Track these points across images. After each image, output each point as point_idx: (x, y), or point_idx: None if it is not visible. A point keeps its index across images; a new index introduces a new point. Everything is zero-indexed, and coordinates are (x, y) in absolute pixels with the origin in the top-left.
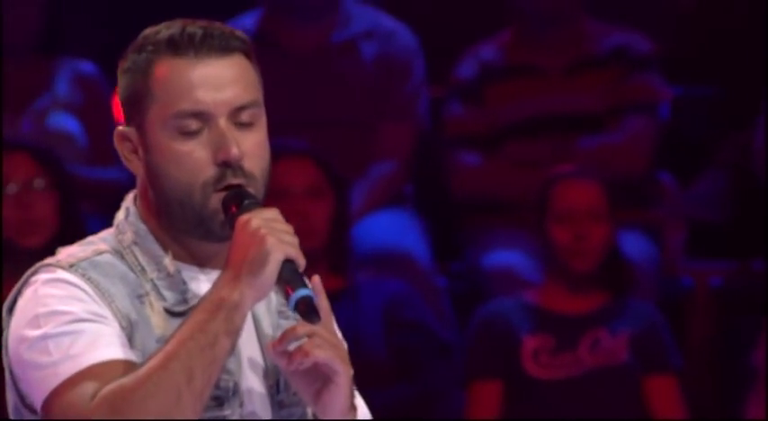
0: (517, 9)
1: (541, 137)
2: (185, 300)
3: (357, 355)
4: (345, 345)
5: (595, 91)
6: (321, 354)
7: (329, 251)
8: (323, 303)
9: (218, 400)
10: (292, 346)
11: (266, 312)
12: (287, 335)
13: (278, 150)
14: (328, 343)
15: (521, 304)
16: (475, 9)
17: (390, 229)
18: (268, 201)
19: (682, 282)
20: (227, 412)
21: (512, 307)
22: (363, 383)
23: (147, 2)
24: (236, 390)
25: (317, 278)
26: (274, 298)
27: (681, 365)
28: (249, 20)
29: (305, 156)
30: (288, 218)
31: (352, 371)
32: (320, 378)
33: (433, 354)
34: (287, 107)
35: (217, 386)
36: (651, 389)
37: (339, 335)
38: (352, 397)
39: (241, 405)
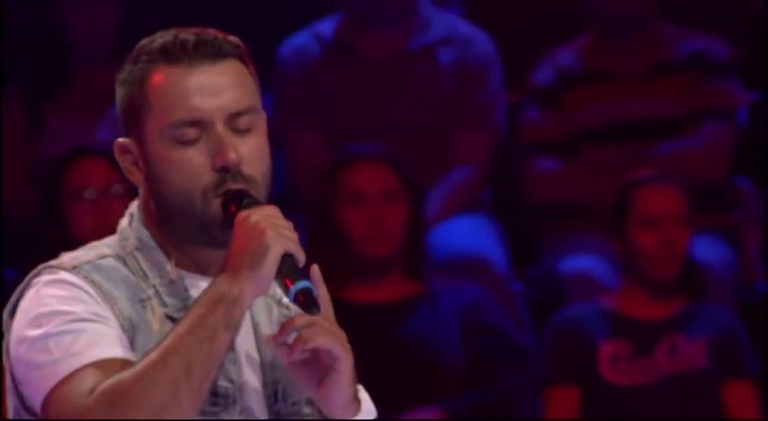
0: (595, 14)
1: (619, 142)
2: (186, 307)
3: (434, 360)
4: (344, 335)
5: (673, 96)
6: (322, 341)
7: (405, 256)
8: (321, 292)
9: (218, 406)
10: (292, 338)
11: (267, 321)
12: (286, 327)
13: (353, 155)
14: (328, 330)
15: (597, 309)
16: (553, 14)
17: (467, 235)
18: (344, 205)
19: (759, 287)
20: (225, 419)
21: (588, 312)
22: (440, 388)
23: (223, 6)
24: (235, 398)
25: (315, 267)
26: (276, 310)
27: (758, 371)
28: (327, 26)
29: (380, 160)
30: (363, 222)
31: (353, 359)
32: (321, 368)
33: (509, 360)
34: (363, 113)
35: (216, 393)
36: (728, 394)
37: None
38: (355, 386)
39: (240, 412)
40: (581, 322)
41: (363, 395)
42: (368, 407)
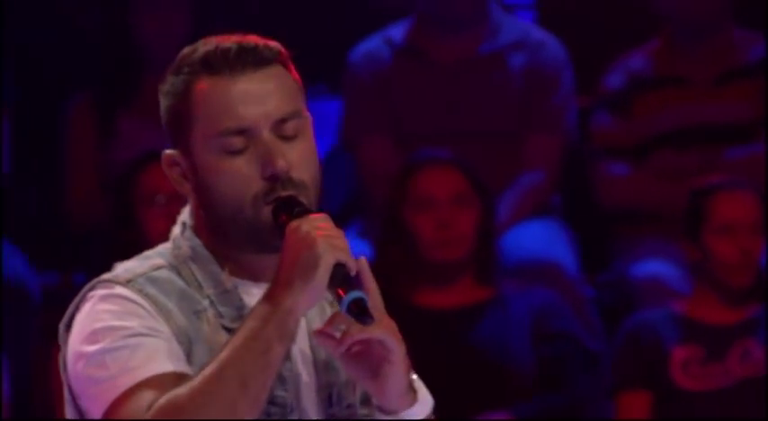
0: (667, 19)
1: (690, 147)
2: (241, 316)
3: (505, 365)
4: (395, 325)
5: (744, 101)
6: (373, 331)
7: (476, 260)
8: (371, 286)
9: (276, 416)
10: (341, 330)
11: (320, 324)
12: (334, 319)
13: (423, 159)
14: (379, 321)
15: (669, 314)
16: (624, 19)
17: (538, 240)
18: (414, 210)
19: None
20: None
21: (660, 317)
22: (511, 392)
23: (294, 10)
24: (293, 407)
25: (363, 259)
26: (329, 310)
27: None
28: (397, 30)
29: (450, 164)
30: (434, 227)
31: (405, 349)
32: (374, 360)
33: (580, 365)
34: (434, 118)
35: (274, 402)
36: None
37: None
38: (410, 376)
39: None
40: (653, 327)
41: (419, 384)
42: (424, 397)
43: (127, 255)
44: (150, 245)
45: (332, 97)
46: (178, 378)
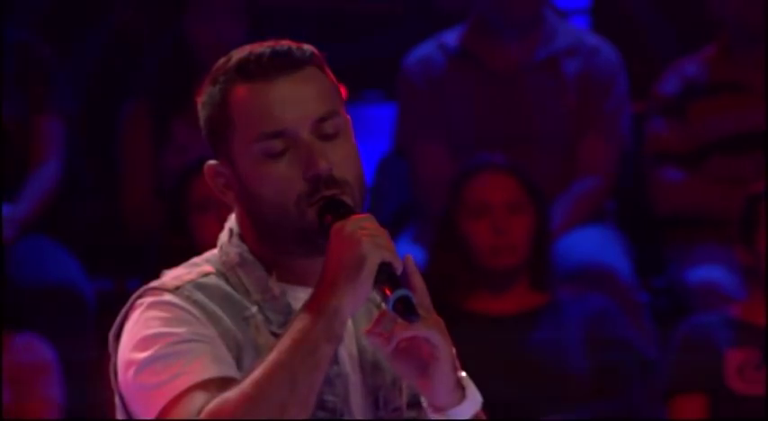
0: (722, 24)
1: (745, 153)
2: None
3: (560, 371)
4: (442, 322)
5: None
6: (420, 328)
7: (530, 267)
8: (418, 283)
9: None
10: (388, 328)
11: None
12: (382, 318)
13: (477, 166)
14: (425, 318)
15: (724, 318)
16: (678, 24)
17: (592, 245)
18: (469, 216)
19: None
20: None
21: (715, 321)
22: (566, 399)
23: (350, 15)
24: (342, 412)
25: (409, 256)
26: (376, 312)
27: None
28: (451, 36)
29: (505, 170)
30: (489, 233)
31: (452, 347)
32: (421, 357)
33: (635, 370)
34: (488, 123)
35: (323, 407)
36: None
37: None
38: (458, 373)
39: None
40: (708, 330)
41: (467, 382)
42: (473, 395)
43: (181, 262)
44: (204, 251)
45: (386, 102)
46: (227, 382)
